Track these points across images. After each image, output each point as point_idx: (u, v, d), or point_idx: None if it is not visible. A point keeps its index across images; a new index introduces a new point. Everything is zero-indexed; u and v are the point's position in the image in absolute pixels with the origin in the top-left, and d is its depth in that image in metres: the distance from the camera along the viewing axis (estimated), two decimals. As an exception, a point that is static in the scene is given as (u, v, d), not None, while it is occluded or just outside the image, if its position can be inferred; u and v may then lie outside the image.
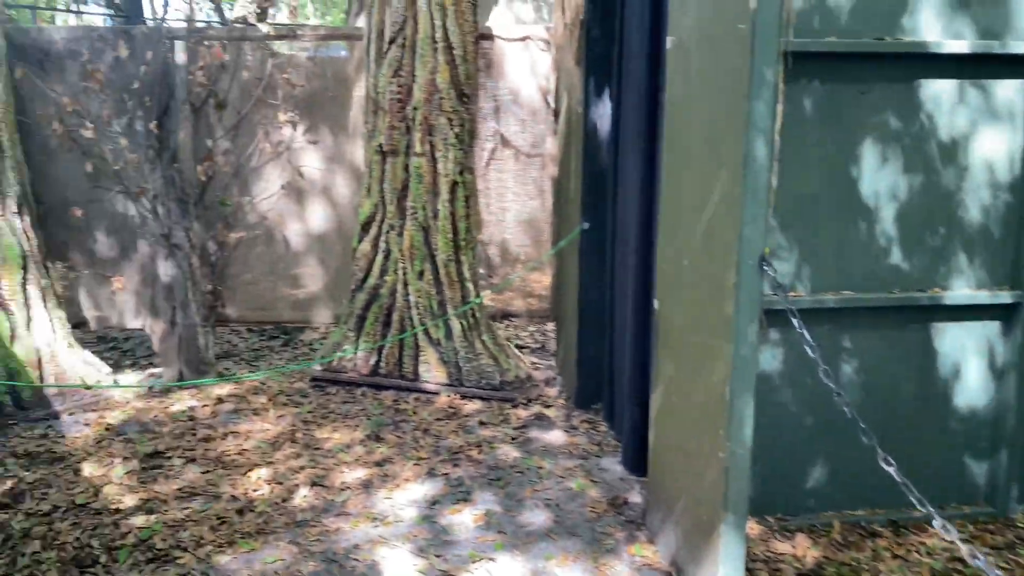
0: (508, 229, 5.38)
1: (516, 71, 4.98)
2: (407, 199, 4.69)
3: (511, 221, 5.32)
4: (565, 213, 4.92)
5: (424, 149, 4.59)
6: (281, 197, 5.06)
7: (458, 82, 4.55)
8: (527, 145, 5.17)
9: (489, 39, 4.93)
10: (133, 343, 5.78)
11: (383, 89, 4.57)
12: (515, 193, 5.31)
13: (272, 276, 5.17)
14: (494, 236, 5.26)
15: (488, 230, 5.29)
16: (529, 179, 5.27)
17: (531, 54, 4.97)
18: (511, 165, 5.22)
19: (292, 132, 4.98)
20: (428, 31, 4.45)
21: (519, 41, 4.94)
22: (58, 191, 4.93)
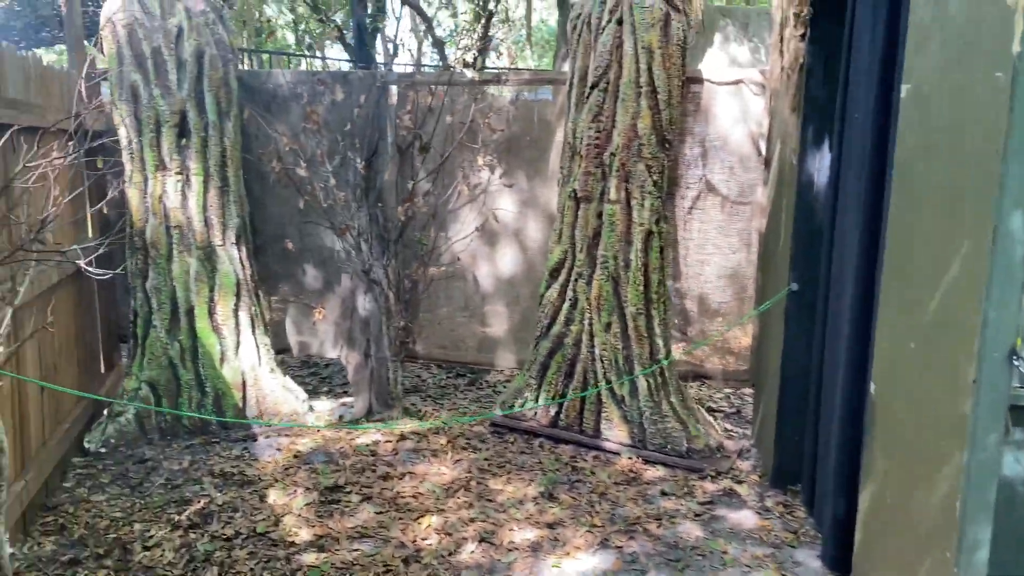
0: (708, 281, 5.05)
1: (726, 116, 4.68)
2: (598, 247, 4.51)
3: (712, 273, 4.99)
4: (772, 269, 4.52)
5: (619, 196, 4.40)
6: (475, 239, 5.07)
7: (660, 128, 4.33)
8: (734, 193, 4.83)
9: (698, 82, 4.67)
10: (331, 371, 6.03)
11: (581, 134, 4.44)
12: (717, 244, 4.97)
13: (460, 316, 5.18)
14: (692, 288, 4.94)
15: (686, 281, 4.99)
16: (734, 229, 4.92)
17: (743, 99, 4.64)
18: (715, 213, 4.90)
19: (489, 175, 4.99)
20: (632, 75, 4.28)
21: (731, 85, 4.64)
22: (274, 224, 5.25)
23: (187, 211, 4.70)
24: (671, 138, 4.40)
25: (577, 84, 4.49)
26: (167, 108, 4.58)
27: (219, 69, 4.69)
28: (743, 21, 7.37)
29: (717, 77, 4.65)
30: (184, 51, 4.61)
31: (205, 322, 4.79)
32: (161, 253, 4.69)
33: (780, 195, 4.28)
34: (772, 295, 4.48)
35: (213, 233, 4.78)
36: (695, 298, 5.04)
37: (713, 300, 4.98)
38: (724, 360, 5.16)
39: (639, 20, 4.22)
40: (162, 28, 4.55)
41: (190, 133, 4.67)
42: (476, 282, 5.11)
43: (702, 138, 4.80)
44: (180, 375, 4.77)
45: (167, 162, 4.64)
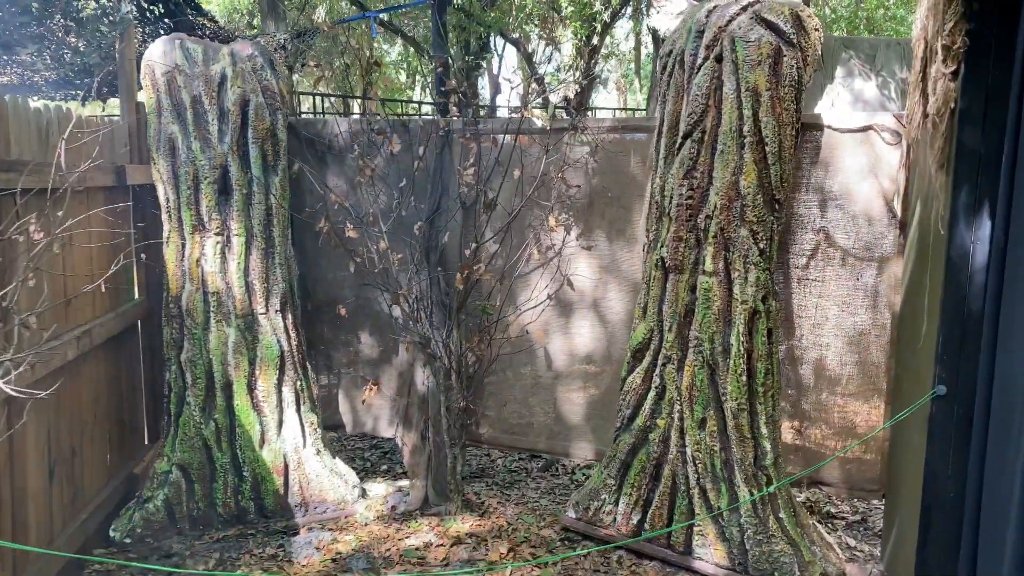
0: (827, 344, 4.19)
1: (851, 169, 3.86)
2: (691, 327, 3.75)
3: (830, 334, 4.13)
4: (910, 363, 3.65)
5: (717, 267, 3.65)
6: (547, 308, 4.40)
7: (768, 186, 3.56)
8: (859, 248, 3.98)
9: (817, 129, 3.87)
10: (388, 450, 5.44)
11: (671, 191, 3.72)
12: (839, 302, 4.12)
13: (530, 397, 4.50)
14: (808, 352, 4.10)
15: (800, 344, 4.14)
16: (859, 287, 4.05)
17: (873, 149, 3.81)
18: (836, 270, 4.05)
19: (564, 236, 4.32)
20: (734, 123, 3.54)
21: (858, 133, 3.82)
22: (328, 287, 4.74)
23: (226, 275, 4.24)
24: (782, 198, 3.62)
25: (667, 133, 3.78)
26: (207, 162, 4.15)
27: (265, 119, 4.23)
28: (869, 52, 6.46)
29: (841, 123, 3.84)
30: (227, 100, 4.17)
31: (244, 399, 4.30)
32: (197, 322, 4.24)
33: (921, 270, 3.43)
34: (909, 393, 3.60)
35: (255, 300, 4.30)
36: (810, 363, 4.18)
37: (832, 366, 4.12)
38: (846, 467, 4.26)
39: (743, 57, 3.49)
40: (203, 75, 4.13)
41: (232, 190, 4.22)
42: (548, 358, 4.43)
43: (821, 187, 3.98)
44: (215, 457, 4.28)
45: (206, 221, 4.20)
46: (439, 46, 7.31)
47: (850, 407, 4.14)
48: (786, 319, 4.10)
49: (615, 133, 4.17)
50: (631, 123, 4.16)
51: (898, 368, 3.85)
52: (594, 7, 17.10)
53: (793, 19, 3.51)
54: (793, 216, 4.00)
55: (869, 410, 4.13)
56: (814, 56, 3.59)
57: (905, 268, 3.78)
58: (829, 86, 6.51)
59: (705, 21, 3.64)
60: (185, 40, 4.19)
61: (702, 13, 3.67)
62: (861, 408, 4.13)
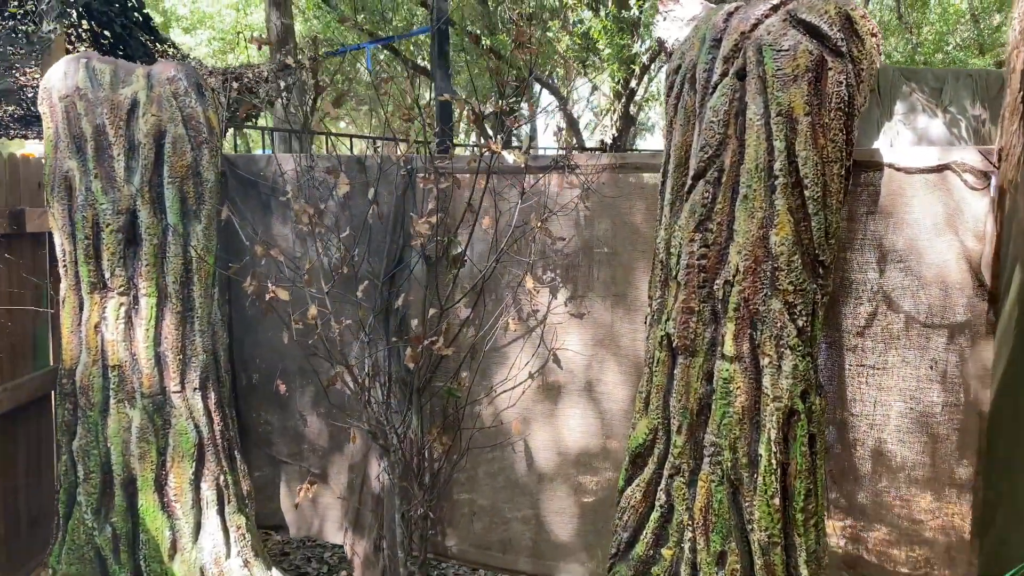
0: (885, 425, 3.18)
1: (921, 218, 2.92)
2: (706, 428, 2.82)
3: (891, 414, 3.13)
4: (1007, 476, 2.67)
5: (740, 350, 2.72)
6: (528, 391, 3.49)
7: (808, 243, 2.65)
8: (924, 312, 3.00)
9: (874, 168, 2.94)
10: (339, 560, 4.53)
11: (678, 248, 2.82)
12: (902, 374, 3.12)
13: (507, 503, 3.58)
14: (864, 434, 3.11)
15: (855, 424, 3.15)
16: (926, 359, 3.05)
17: (950, 194, 2.87)
18: (900, 353, 3.07)
19: (550, 300, 3.43)
20: (761, 158, 2.65)
21: (930, 173, 2.89)
22: (268, 358, 3.91)
23: (131, 345, 3.44)
24: (827, 259, 2.69)
25: (673, 172, 2.90)
26: (109, 206, 3.38)
27: (186, 155, 3.46)
28: (934, 85, 5.50)
29: (907, 161, 2.91)
30: (138, 130, 3.42)
31: (151, 498, 3.46)
32: (93, 402, 3.43)
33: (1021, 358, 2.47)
34: (1008, 518, 2.63)
35: (167, 375, 3.48)
36: (867, 449, 3.18)
37: (893, 453, 3.11)
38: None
39: (773, 71, 2.61)
40: (109, 100, 3.39)
41: (141, 240, 3.44)
42: (529, 454, 3.52)
43: (879, 244, 3.04)
44: (112, 572, 3.44)
45: (107, 278, 3.42)
46: (441, 78, 6.58)
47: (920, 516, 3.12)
48: (832, 414, 3.13)
49: (613, 172, 3.29)
50: (633, 160, 3.28)
51: (988, 490, 2.85)
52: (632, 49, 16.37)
53: (841, 20, 2.62)
54: (843, 283, 3.06)
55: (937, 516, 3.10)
56: (870, 71, 2.69)
57: (998, 355, 2.80)
58: (887, 124, 5.55)
59: (723, 27, 2.77)
60: (93, 59, 3.47)
61: (719, 17, 2.80)
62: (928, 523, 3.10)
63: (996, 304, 2.80)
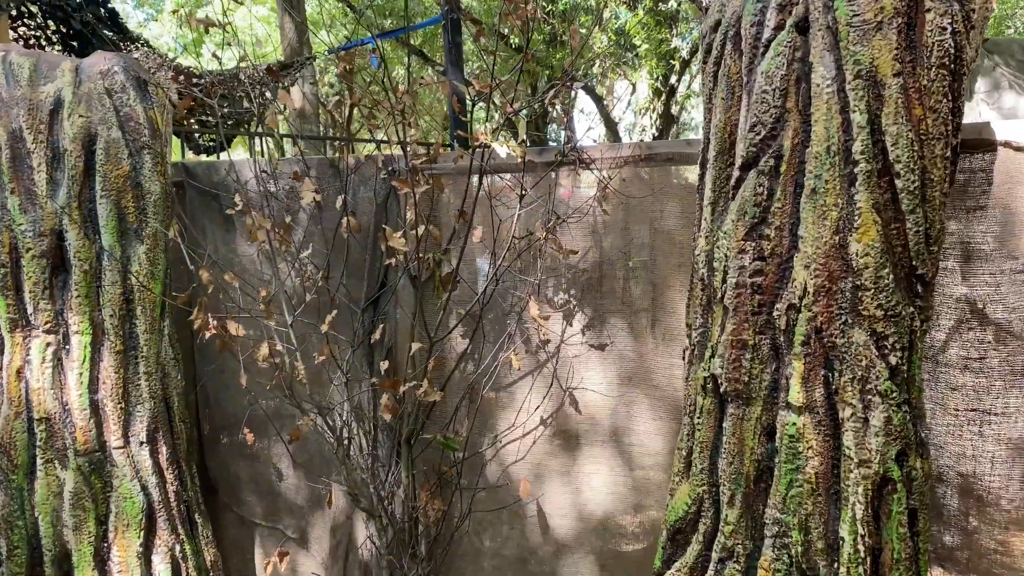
0: (982, 453, 2.44)
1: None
2: (767, 500, 2.13)
3: (990, 442, 2.39)
4: None
5: (811, 398, 2.02)
6: (540, 441, 2.83)
7: (903, 251, 1.95)
8: (1019, 325, 2.26)
9: (985, 148, 2.22)
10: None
11: (723, 262, 2.14)
12: (995, 399, 2.38)
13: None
14: (955, 462, 2.38)
15: (943, 458, 2.42)
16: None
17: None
18: (989, 353, 2.33)
19: (563, 327, 2.76)
20: (833, 138, 1.95)
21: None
22: (233, 402, 3.31)
23: (62, 393, 2.87)
24: (928, 272, 1.98)
25: (715, 162, 2.21)
26: (29, 227, 2.81)
27: (122, 163, 2.88)
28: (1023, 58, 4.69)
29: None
30: (62, 135, 2.85)
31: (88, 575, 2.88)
32: (16, 463, 2.87)
33: None
34: None
35: (107, 428, 2.90)
36: (959, 484, 2.44)
37: (992, 490, 2.37)
38: None
39: (847, 17, 1.91)
40: (27, 100, 2.83)
41: (70, 266, 2.86)
42: (543, 520, 2.85)
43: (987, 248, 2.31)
44: (44, 665, 2.86)
45: (30, 313, 2.85)
46: (455, 73, 5.96)
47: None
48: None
49: (639, 166, 2.61)
50: (663, 149, 2.60)
51: None
52: (670, 43, 15.56)
53: (942, -55, 1.91)
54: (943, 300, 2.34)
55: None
56: (983, 14, 1.98)
57: None
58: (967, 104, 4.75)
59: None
60: (11, 52, 2.91)
61: (771, -48, 2.11)
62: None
63: None
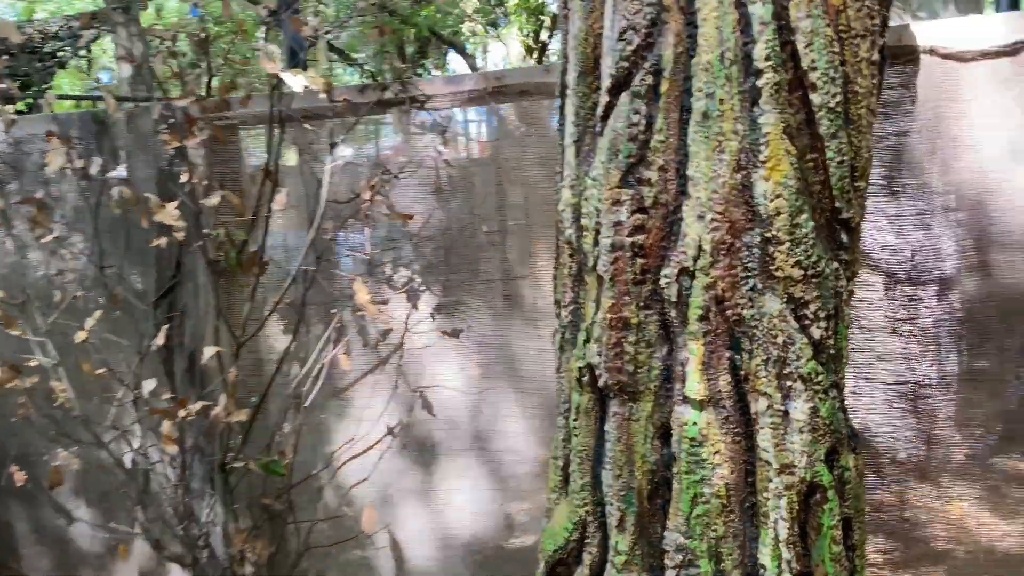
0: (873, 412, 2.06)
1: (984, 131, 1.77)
2: (665, 521, 1.65)
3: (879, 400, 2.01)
4: None
5: (715, 389, 1.55)
6: (388, 455, 2.27)
7: (823, 190, 1.49)
8: (999, 291, 1.88)
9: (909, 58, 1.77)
10: None
11: (593, 218, 1.62)
12: (883, 351, 2.00)
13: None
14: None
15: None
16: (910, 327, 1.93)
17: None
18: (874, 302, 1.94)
19: (408, 313, 2.20)
20: (728, 41, 1.45)
21: (999, 57, 1.74)
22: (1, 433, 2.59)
23: None
24: (854, 215, 1.53)
25: (576, 86, 1.68)
26: None
27: None
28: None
29: (957, 40, 1.76)
30: None
31: None
32: None
33: None
34: None
35: None
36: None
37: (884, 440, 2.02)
38: None
39: None
40: None
41: None
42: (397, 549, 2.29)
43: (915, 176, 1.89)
44: None
45: None
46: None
47: None
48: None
49: (486, 103, 2.06)
50: (516, 80, 2.05)
51: None
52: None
53: None
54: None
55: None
56: None
57: None
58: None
59: None
60: None
61: None
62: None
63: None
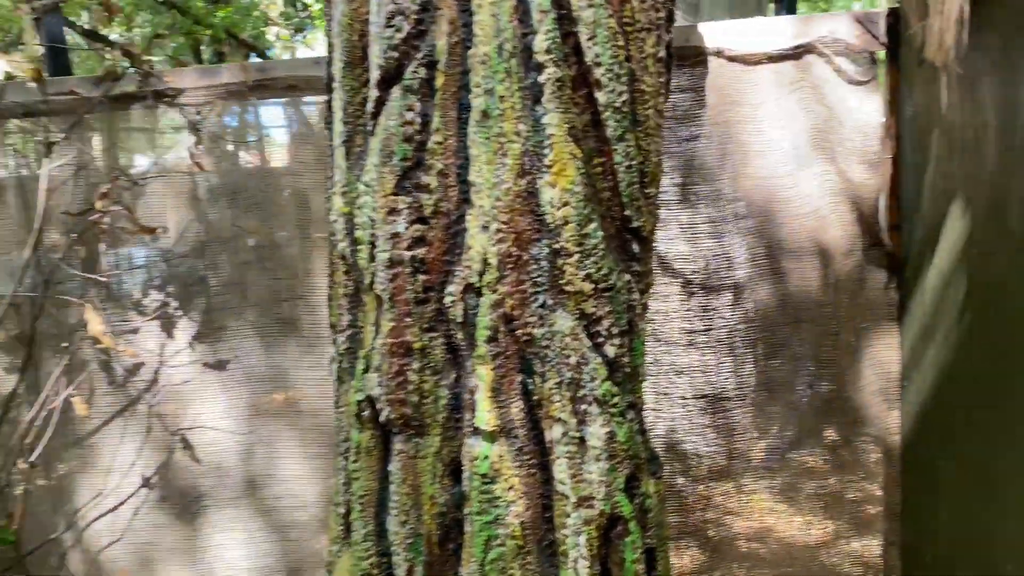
0: (677, 418, 2.02)
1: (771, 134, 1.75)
2: (462, 567, 1.47)
3: (677, 408, 1.98)
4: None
5: (507, 417, 1.40)
6: (148, 508, 1.95)
7: (612, 195, 1.37)
8: (784, 295, 1.86)
9: (693, 59, 1.71)
10: None
11: (367, 231, 1.41)
12: (685, 356, 1.97)
13: None
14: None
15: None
16: (708, 332, 1.93)
17: (818, 90, 1.73)
18: (675, 310, 1.90)
19: (162, 343, 1.89)
20: (505, 31, 1.30)
21: (784, 60, 1.72)
22: None
23: None
24: (645, 224, 1.42)
25: (343, 79, 1.47)
26: None
27: None
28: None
29: (743, 42, 1.72)
30: None
31: None
32: None
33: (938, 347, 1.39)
34: None
35: None
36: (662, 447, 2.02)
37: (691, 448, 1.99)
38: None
39: None
40: None
41: None
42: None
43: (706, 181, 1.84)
44: None
45: None
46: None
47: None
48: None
49: (247, 99, 1.80)
50: (282, 72, 1.81)
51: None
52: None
53: None
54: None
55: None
56: None
57: (911, 350, 1.71)
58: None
59: None
60: None
61: None
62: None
63: (901, 270, 1.71)
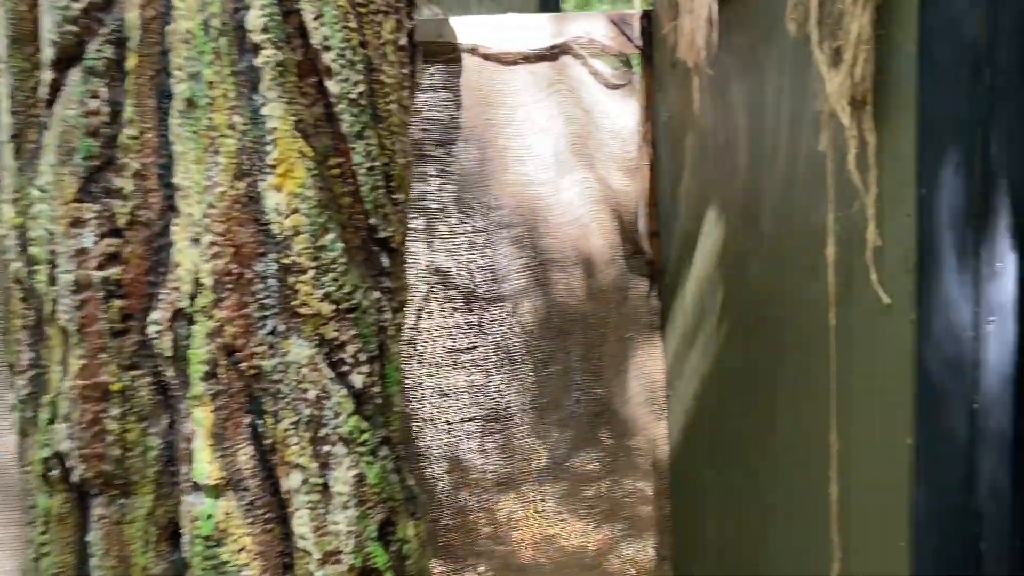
0: (456, 441, 1.91)
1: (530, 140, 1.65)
2: None
3: (457, 431, 1.87)
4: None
5: (237, 467, 1.17)
6: None
7: (356, 203, 1.19)
8: (547, 311, 1.78)
9: (446, 56, 1.57)
10: None
11: (45, 247, 1.13)
12: (464, 374, 1.87)
13: None
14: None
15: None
16: (483, 342, 1.85)
17: (575, 93, 1.65)
18: (457, 324, 1.80)
19: None
20: (215, 7, 1.08)
21: (542, 61, 1.62)
22: None
23: None
24: (394, 234, 1.26)
25: (10, 58, 1.18)
26: None
27: None
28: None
29: (499, 40, 1.61)
30: None
31: None
32: None
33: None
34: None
35: None
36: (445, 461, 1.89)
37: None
38: None
39: None
40: None
41: None
42: None
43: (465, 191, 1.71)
44: None
45: None
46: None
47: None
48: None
49: None
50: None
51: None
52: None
53: None
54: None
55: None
56: None
57: (674, 361, 1.69)
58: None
59: None
60: None
61: None
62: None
63: (661, 278, 1.68)
